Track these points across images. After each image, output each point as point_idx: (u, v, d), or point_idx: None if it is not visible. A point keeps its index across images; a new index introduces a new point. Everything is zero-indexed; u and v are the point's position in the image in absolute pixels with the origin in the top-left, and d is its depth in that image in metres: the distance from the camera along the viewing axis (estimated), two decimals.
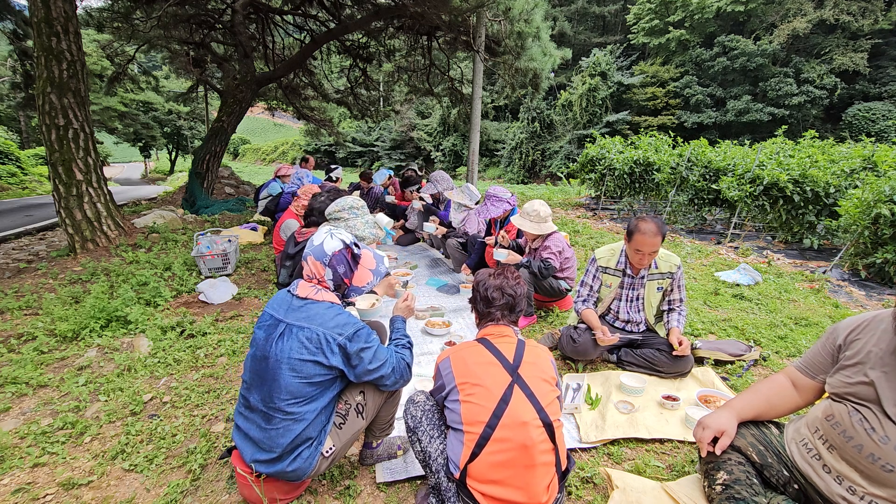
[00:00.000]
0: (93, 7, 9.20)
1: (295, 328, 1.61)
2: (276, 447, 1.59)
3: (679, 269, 2.73)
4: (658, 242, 2.49)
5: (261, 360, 1.63)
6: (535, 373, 1.55)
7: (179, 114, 29.06)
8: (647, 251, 2.51)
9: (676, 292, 2.77)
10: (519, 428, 1.43)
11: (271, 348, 1.61)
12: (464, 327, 3.51)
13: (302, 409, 1.59)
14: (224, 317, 3.67)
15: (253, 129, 64.28)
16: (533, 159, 30.46)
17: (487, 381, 1.50)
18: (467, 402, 1.49)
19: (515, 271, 1.80)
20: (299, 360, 1.57)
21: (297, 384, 1.58)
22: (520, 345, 1.63)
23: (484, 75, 10.17)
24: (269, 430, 1.60)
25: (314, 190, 4.15)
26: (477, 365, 1.55)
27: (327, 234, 1.78)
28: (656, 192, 9.01)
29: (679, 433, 2.19)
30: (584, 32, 37.84)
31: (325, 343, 1.59)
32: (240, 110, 8.96)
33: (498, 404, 1.45)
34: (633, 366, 2.77)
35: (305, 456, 1.62)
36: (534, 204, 3.47)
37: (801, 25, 26.02)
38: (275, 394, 1.58)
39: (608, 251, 2.85)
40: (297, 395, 1.58)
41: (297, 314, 1.64)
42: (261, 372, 1.63)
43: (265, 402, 1.60)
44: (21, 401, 2.51)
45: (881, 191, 5.03)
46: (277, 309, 1.70)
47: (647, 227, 2.46)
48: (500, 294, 1.70)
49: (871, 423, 1.33)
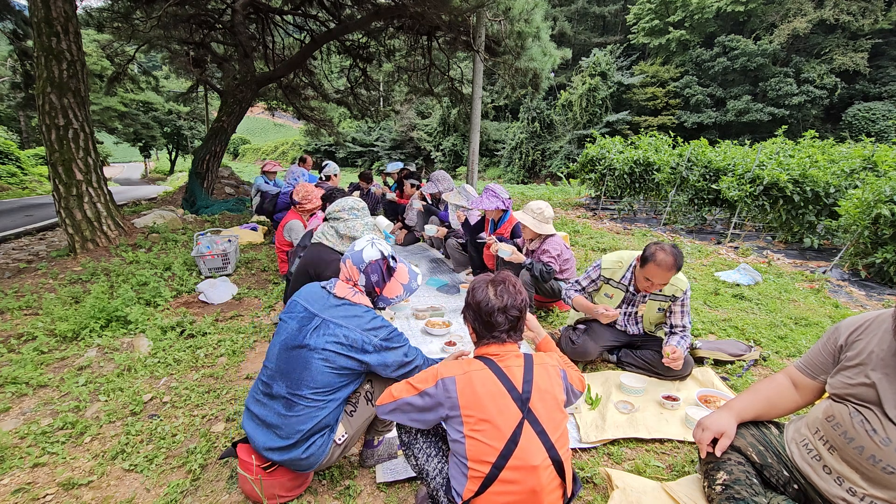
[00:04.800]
0: (93, 7, 9.20)
1: (332, 324, 1.68)
2: (294, 434, 1.63)
3: (686, 294, 2.58)
4: (671, 277, 2.38)
5: (292, 350, 1.69)
6: (547, 402, 1.43)
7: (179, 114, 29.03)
8: (656, 282, 2.40)
9: (679, 317, 2.62)
10: (529, 472, 1.35)
11: (306, 339, 1.67)
12: (464, 327, 3.50)
13: (327, 397, 1.67)
14: (224, 317, 3.67)
15: (253, 129, 64.30)
16: (533, 159, 30.47)
17: (496, 417, 1.37)
18: (473, 437, 1.38)
19: (515, 280, 1.62)
20: (334, 353, 1.65)
21: (328, 374, 1.65)
22: (528, 364, 1.48)
23: (484, 75, 10.17)
24: (290, 417, 1.64)
25: (309, 188, 4.15)
26: (486, 395, 1.40)
27: (368, 243, 1.85)
28: (656, 192, 9.01)
29: (679, 433, 2.19)
30: (584, 32, 37.85)
31: (362, 343, 1.67)
32: (240, 110, 8.96)
33: (506, 444, 1.35)
34: (633, 367, 2.76)
35: (319, 444, 1.67)
36: (539, 203, 3.45)
37: (801, 25, 26.03)
38: (304, 382, 1.64)
39: (616, 262, 2.69)
40: (325, 384, 1.66)
41: (333, 311, 1.72)
42: (291, 360, 1.68)
43: (291, 389, 1.65)
44: (21, 401, 2.50)
45: (881, 191, 5.03)
46: (312, 303, 1.75)
47: (664, 260, 2.30)
48: (504, 318, 1.50)
49: (873, 424, 1.32)
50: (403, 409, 1.51)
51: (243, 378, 2.75)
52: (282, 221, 4.14)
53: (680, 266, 2.34)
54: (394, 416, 1.53)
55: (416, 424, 1.52)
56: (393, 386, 1.56)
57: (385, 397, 1.55)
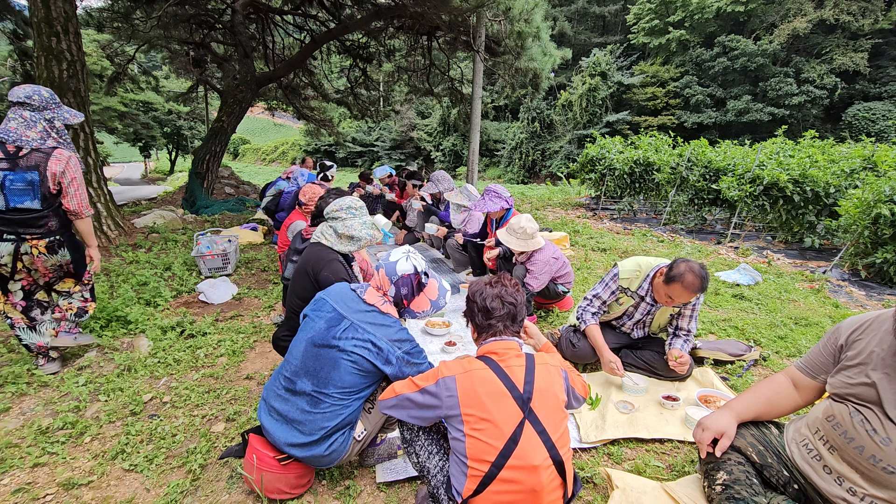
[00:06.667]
0: (93, 7, 9.20)
1: (360, 328, 1.72)
2: (317, 430, 1.67)
3: (699, 300, 2.50)
4: (694, 297, 2.32)
5: (320, 348, 1.72)
6: (548, 402, 1.43)
7: (179, 114, 29.00)
8: (678, 300, 2.32)
9: (687, 321, 2.56)
10: (529, 472, 1.34)
11: (335, 340, 1.70)
12: (464, 327, 3.50)
13: (351, 397, 1.71)
14: (224, 317, 3.67)
15: (253, 129, 64.25)
16: (533, 159, 30.45)
17: (497, 416, 1.37)
18: (473, 436, 1.38)
19: (513, 278, 1.67)
20: (361, 357, 1.69)
21: (355, 375, 1.70)
22: (529, 363, 1.48)
23: (484, 75, 10.16)
24: (315, 414, 1.67)
25: (316, 189, 4.14)
26: (486, 395, 1.40)
27: (403, 256, 1.89)
28: (656, 192, 9.01)
29: (679, 433, 2.19)
30: (584, 32, 37.81)
31: (387, 353, 1.71)
32: (240, 110, 8.96)
33: (506, 444, 1.35)
34: (633, 367, 2.75)
35: (341, 441, 1.72)
36: (520, 220, 3.35)
37: (802, 25, 26.01)
38: (331, 381, 1.68)
39: (634, 271, 2.58)
40: (351, 385, 1.70)
41: (363, 316, 1.76)
42: (320, 359, 1.71)
43: (317, 387, 1.68)
44: (21, 401, 2.50)
45: (881, 191, 5.03)
46: (341, 304, 1.79)
47: (691, 283, 2.20)
48: (500, 304, 1.56)
49: (873, 424, 1.32)
50: (404, 405, 1.52)
51: (243, 378, 2.75)
52: (285, 222, 4.12)
53: (706, 288, 2.25)
54: (394, 412, 1.56)
55: (416, 421, 1.53)
56: (395, 382, 1.60)
57: (387, 393, 1.58)
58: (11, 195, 2.43)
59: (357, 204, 2.59)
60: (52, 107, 2.58)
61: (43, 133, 2.52)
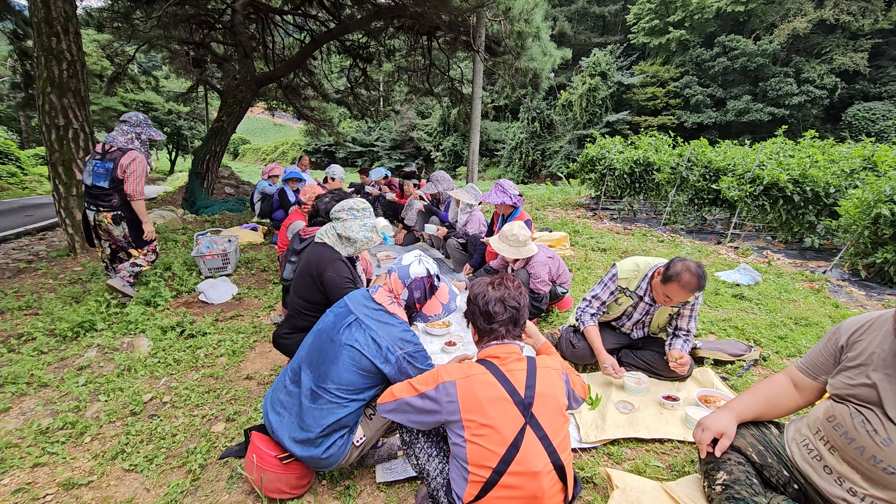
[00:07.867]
0: (93, 7, 9.20)
1: (364, 325, 1.73)
2: (316, 427, 1.67)
3: (698, 300, 2.52)
4: (692, 296, 2.33)
5: (326, 341, 1.74)
6: (549, 407, 1.42)
7: (179, 114, 28.99)
8: (676, 299, 2.32)
9: (686, 321, 2.56)
10: (530, 478, 1.33)
11: (338, 334, 1.73)
12: (464, 327, 3.50)
13: (349, 396, 1.70)
14: (224, 317, 3.67)
15: (253, 129, 64.22)
16: (533, 159, 30.45)
17: (498, 422, 1.35)
18: (474, 442, 1.36)
19: (515, 279, 1.64)
20: (360, 353, 1.69)
21: (353, 372, 1.69)
22: (530, 367, 1.46)
23: (484, 75, 10.18)
24: (313, 409, 1.69)
25: (317, 190, 4.14)
26: (487, 400, 1.38)
27: (416, 259, 1.89)
28: (656, 192, 9.01)
29: (679, 433, 2.19)
30: (584, 32, 37.82)
31: (386, 351, 1.70)
32: (240, 110, 8.96)
33: (508, 449, 1.34)
34: (633, 367, 2.75)
35: (339, 444, 1.72)
36: (513, 227, 3.34)
37: (802, 25, 26.01)
38: (329, 377, 1.69)
39: (632, 271, 2.58)
40: (349, 383, 1.69)
41: (368, 313, 1.78)
42: (323, 350, 1.73)
43: (316, 381, 1.70)
44: (21, 401, 2.50)
45: (881, 191, 5.03)
46: (353, 302, 1.83)
47: (688, 282, 2.20)
48: (502, 308, 1.52)
49: (874, 424, 1.32)
50: (403, 410, 1.50)
51: (243, 378, 2.75)
52: (284, 222, 4.12)
53: (703, 287, 2.25)
54: (393, 416, 1.53)
55: (416, 426, 1.52)
56: (394, 385, 1.57)
57: (385, 396, 1.55)
58: (95, 177, 3.54)
59: (360, 206, 2.59)
60: (143, 125, 3.73)
61: (129, 140, 3.63)
